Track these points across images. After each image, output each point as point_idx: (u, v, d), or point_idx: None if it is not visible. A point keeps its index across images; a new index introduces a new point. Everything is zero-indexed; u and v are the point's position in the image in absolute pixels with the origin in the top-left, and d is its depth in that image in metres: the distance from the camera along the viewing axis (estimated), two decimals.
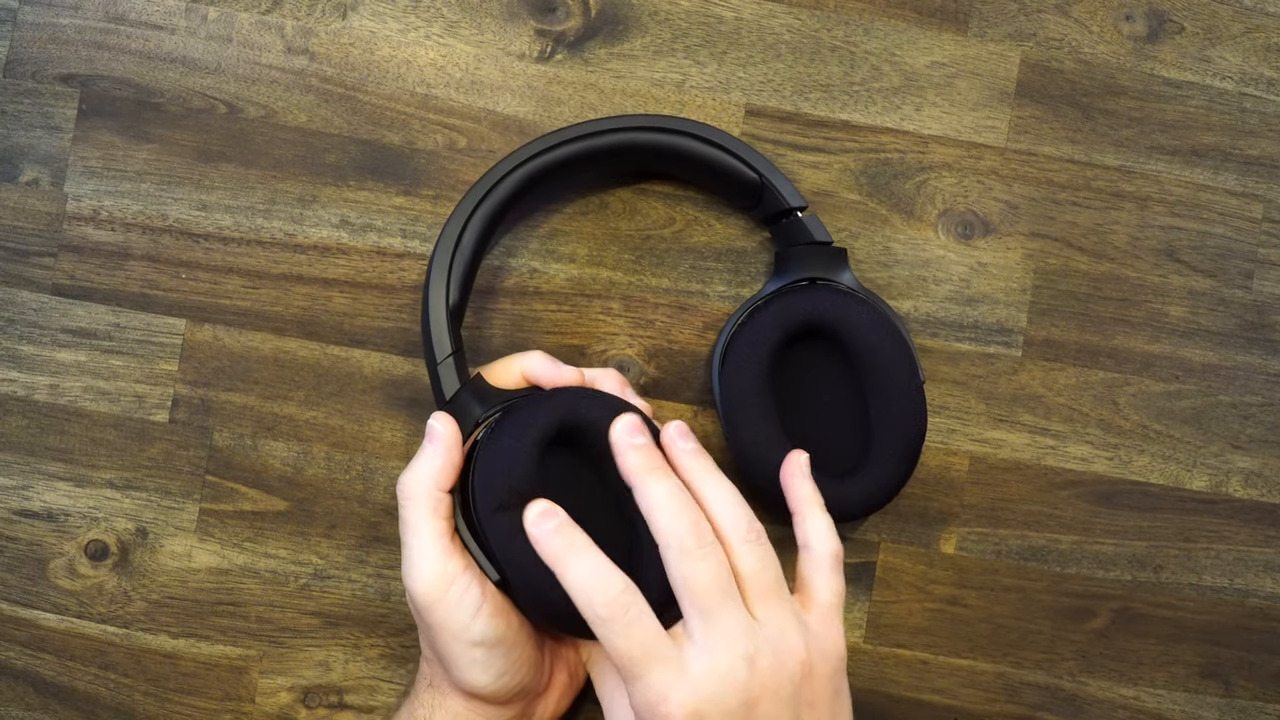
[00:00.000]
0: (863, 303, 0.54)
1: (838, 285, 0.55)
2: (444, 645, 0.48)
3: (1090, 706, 0.59)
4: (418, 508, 0.48)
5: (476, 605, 0.47)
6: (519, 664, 0.49)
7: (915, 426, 0.53)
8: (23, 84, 0.58)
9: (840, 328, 0.53)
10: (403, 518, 0.49)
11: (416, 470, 0.49)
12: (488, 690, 0.48)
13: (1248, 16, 0.61)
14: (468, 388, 0.51)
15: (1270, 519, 0.59)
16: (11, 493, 0.57)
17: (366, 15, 0.58)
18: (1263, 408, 0.60)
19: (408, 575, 0.48)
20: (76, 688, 0.57)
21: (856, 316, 0.53)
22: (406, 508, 0.48)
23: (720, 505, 0.47)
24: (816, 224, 0.55)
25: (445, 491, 0.48)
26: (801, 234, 0.56)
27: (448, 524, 0.48)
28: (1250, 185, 0.60)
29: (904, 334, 0.55)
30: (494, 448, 0.48)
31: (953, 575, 0.58)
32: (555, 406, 0.49)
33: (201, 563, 0.57)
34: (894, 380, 0.53)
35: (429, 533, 0.48)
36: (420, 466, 0.49)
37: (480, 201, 0.53)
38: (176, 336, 0.57)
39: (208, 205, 0.58)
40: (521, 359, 0.53)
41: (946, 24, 0.60)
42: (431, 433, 0.49)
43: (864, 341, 0.53)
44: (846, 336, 0.53)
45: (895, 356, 0.53)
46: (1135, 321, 0.60)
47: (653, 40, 0.59)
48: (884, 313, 0.55)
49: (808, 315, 0.54)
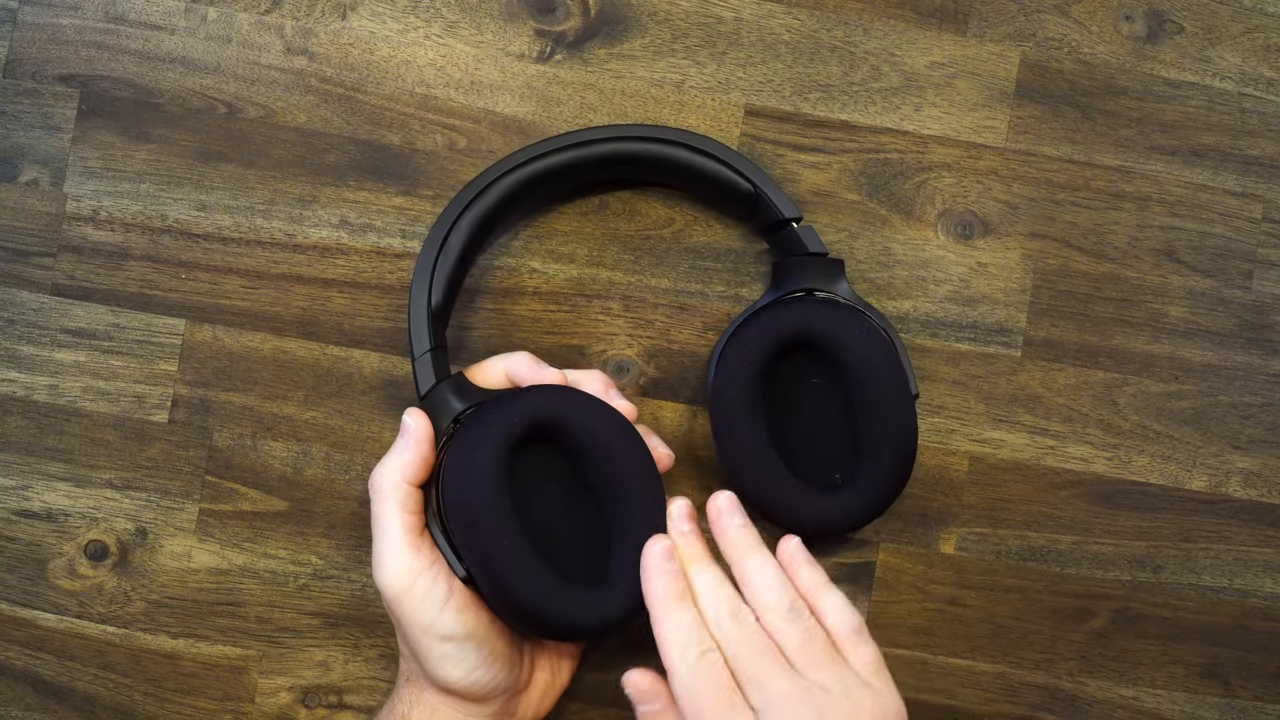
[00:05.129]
0: (853, 316, 0.54)
1: (833, 297, 0.55)
2: (415, 639, 0.48)
3: (1090, 706, 0.59)
4: (386, 501, 0.49)
5: (443, 599, 0.48)
6: (492, 660, 0.49)
7: (904, 442, 0.53)
8: (22, 84, 0.58)
9: (829, 341, 0.53)
10: (373, 511, 0.49)
11: (387, 465, 0.49)
12: (461, 686, 0.49)
13: (1247, 16, 0.61)
14: (447, 384, 0.51)
15: (1270, 519, 0.59)
16: (11, 493, 0.57)
17: (366, 15, 0.58)
18: (1262, 408, 0.60)
19: (376, 568, 0.49)
20: (76, 688, 0.57)
21: (845, 330, 0.53)
22: (376, 501, 0.49)
23: (761, 580, 0.48)
24: (812, 235, 0.55)
25: (414, 486, 0.49)
26: (798, 245, 0.55)
27: (416, 518, 0.49)
28: (1250, 185, 0.60)
29: (896, 347, 0.54)
30: (464, 444, 0.48)
31: (952, 575, 0.58)
32: (527, 403, 0.49)
33: (201, 563, 0.57)
34: (883, 395, 0.53)
35: (397, 526, 0.48)
36: (390, 461, 0.49)
37: (469, 204, 0.53)
38: (176, 337, 0.58)
39: (207, 205, 0.58)
40: (506, 359, 0.53)
41: (946, 24, 0.60)
42: (404, 428, 0.50)
43: (853, 355, 0.53)
44: (835, 350, 0.53)
45: (885, 371, 0.53)
46: (1135, 321, 0.60)
47: (652, 40, 0.59)
48: (876, 326, 0.54)
49: (796, 329, 0.53)
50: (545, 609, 0.47)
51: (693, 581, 0.48)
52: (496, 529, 0.47)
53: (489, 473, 0.47)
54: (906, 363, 0.55)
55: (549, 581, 0.47)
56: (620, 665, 0.58)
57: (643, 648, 0.58)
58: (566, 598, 0.48)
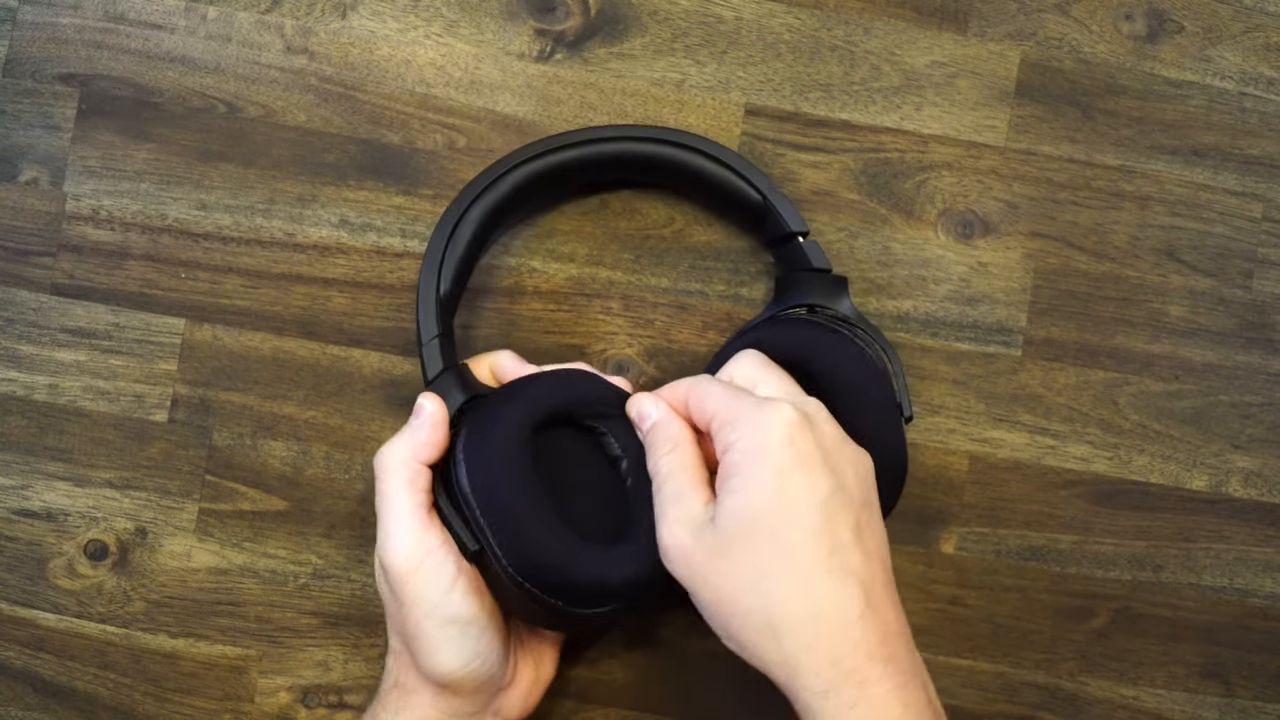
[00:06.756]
0: (840, 336, 0.53)
1: (834, 313, 0.55)
2: (415, 624, 0.48)
3: (1090, 706, 0.59)
4: (395, 478, 0.49)
5: (451, 579, 0.48)
6: (487, 649, 0.49)
7: (892, 469, 0.52)
8: (22, 83, 0.58)
9: (812, 363, 0.52)
10: (380, 490, 0.49)
11: (396, 444, 0.49)
12: (456, 675, 0.48)
13: (1248, 16, 0.61)
14: (453, 373, 0.51)
15: (1270, 519, 0.59)
16: (11, 492, 0.57)
17: (366, 15, 0.58)
18: (1263, 408, 0.60)
19: (383, 547, 0.48)
20: (76, 687, 0.57)
21: (829, 352, 0.52)
22: (384, 479, 0.49)
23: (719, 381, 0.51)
24: (817, 250, 0.55)
25: (425, 465, 0.49)
26: (802, 259, 0.55)
27: (425, 496, 0.49)
28: (1250, 185, 0.60)
29: (891, 367, 0.53)
30: (488, 419, 0.49)
31: (952, 575, 0.58)
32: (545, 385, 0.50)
33: (201, 562, 0.57)
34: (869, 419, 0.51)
35: (408, 504, 0.48)
36: (400, 440, 0.49)
37: (480, 194, 0.53)
38: (176, 336, 0.57)
39: (207, 205, 0.58)
40: (490, 356, 0.54)
41: (946, 24, 0.60)
42: (419, 409, 0.50)
43: (835, 377, 0.52)
44: (817, 371, 0.52)
45: (872, 395, 0.52)
46: (1135, 321, 0.60)
47: (652, 40, 0.59)
48: (868, 347, 0.53)
49: (783, 351, 0.52)
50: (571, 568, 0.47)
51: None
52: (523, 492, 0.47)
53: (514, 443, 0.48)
54: (902, 383, 0.53)
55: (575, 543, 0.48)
56: (614, 661, 0.58)
57: (636, 646, 0.58)
58: (593, 557, 0.48)
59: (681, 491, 0.48)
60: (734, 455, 0.47)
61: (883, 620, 0.46)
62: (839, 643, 0.45)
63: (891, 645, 0.45)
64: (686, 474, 0.48)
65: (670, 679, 0.58)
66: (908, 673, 0.45)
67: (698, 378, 0.51)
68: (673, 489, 0.48)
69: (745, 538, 0.45)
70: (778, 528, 0.45)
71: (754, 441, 0.46)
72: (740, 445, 0.47)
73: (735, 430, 0.47)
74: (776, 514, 0.45)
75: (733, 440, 0.47)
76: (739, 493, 0.46)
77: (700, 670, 0.58)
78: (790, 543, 0.45)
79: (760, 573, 0.45)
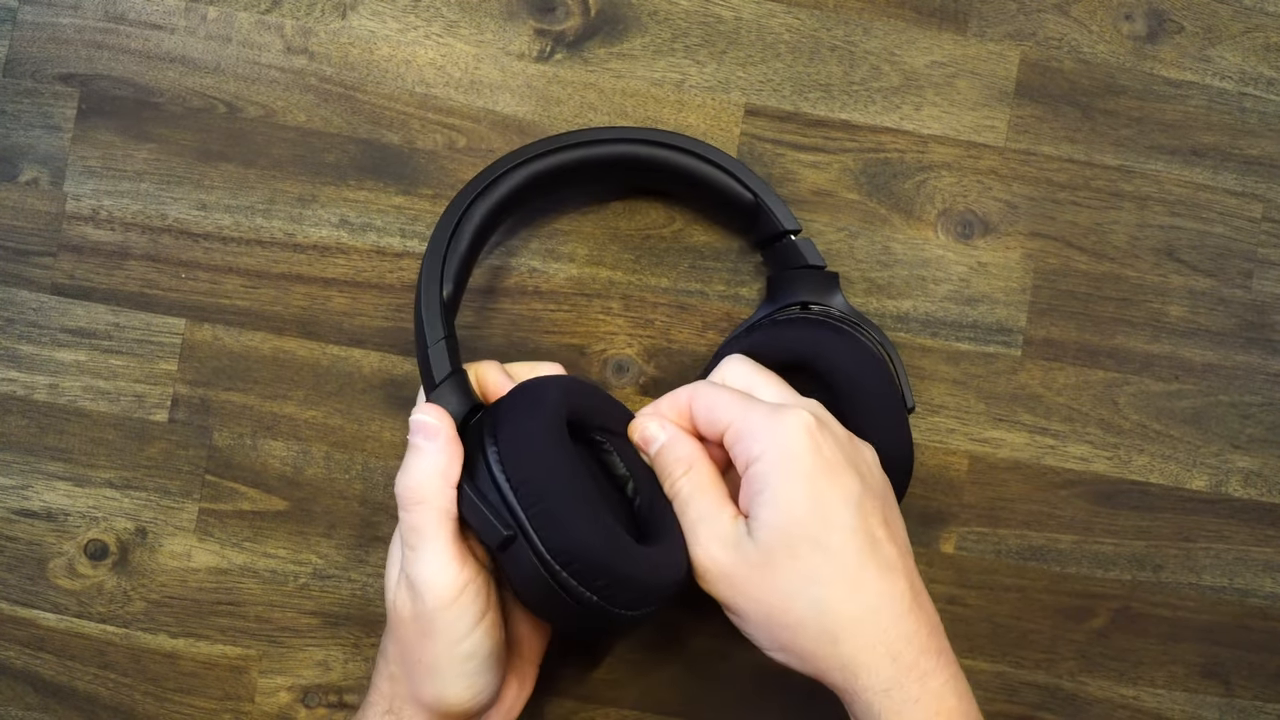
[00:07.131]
0: (842, 333, 0.53)
1: (828, 309, 0.55)
2: (434, 656, 0.46)
3: (1090, 706, 0.59)
4: (427, 511, 0.46)
5: (481, 613, 0.47)
6: (494, 680, 0.48)
7: (899, 461, 0.52)
8: (22, 83, 0.58)
9: (819, 363, 0.52)
10: (411, 523, 0.46)
11: (420, 471, 0.46)
12: (461, 704, 0.47)
13: (1247, 16, 0.61)
14: (458, 377, 0.49)
15: (1270, 519, 0.59)
16: (11, 492, 0.57)
17: (366, 15, 0.58)
18: (1262, 407, 0.60)
19: (421, 581, 0.46)
20: (76, 687, 0.57)
21: (834, 350, 0.52)
22: (415, 512, 0.46)
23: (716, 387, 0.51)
24: (810, 247, 0.55)
25: (454, 488, 0.46)
26: (795, 257, 0.55)
27: (457, 524, 0.47)
28: (1250, 185, 0.60)
29: (890, 360, 0.54)
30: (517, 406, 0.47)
31: (952, 575, 0.58)
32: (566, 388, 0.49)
33: (201, 562, 0.57)
34: (875, 414, 0.52)
35: (445, 536, 0.46)
36: (423, 466, 0.46)
37: (480, 194, 0.52)
38: (176, 336, 0.57)
39: (207, 205, 0.58)
40: (474, 367, 0.51)
41: (946, 24, 0.60)
42: (424, 428, 0.46)
43: (842, 374, 0.52)
44: (825, 370, 0.52)
45: (877, 390, 0.52)
46: (1135, 321, 0.60)
47: (652, 40, 0.59)
48: (866, 341, 0.53)
49: (789, 350, 0.53)
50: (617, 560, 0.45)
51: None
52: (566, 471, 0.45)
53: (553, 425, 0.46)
54: (902, 375, 0.54)
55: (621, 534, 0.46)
56: (615, 661, 0.58)
57: (637, 646, 0.58)
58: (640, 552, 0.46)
59: (708, 512, 0.47)
60: (761, 467, 0.47)
61: (927, 612, 0.47)
62: (894, 638, 0.45)
63: (939, 637, 0.46)
64: (709, 494, 0.48)
65: (672, 679, 0.58)
66: (955, 664, 0.46)
67: (695, 385, 0.51)
68: (697, 510, 0.48)
69: (786, 548, 0.45)
70: (818, 534, 0.45)
71: (779, 452, 0.46)
72: (767, 457, 0.46)
73: (756, 442, 0.47)
74: (814, 520, 0.46)
75: (756, 452, 0.47)
76: (773, 505, 0.46)
77: (702, 670, 0.58)
78: (833, 546, 0.45)
79: (808, 580, 0.45)
